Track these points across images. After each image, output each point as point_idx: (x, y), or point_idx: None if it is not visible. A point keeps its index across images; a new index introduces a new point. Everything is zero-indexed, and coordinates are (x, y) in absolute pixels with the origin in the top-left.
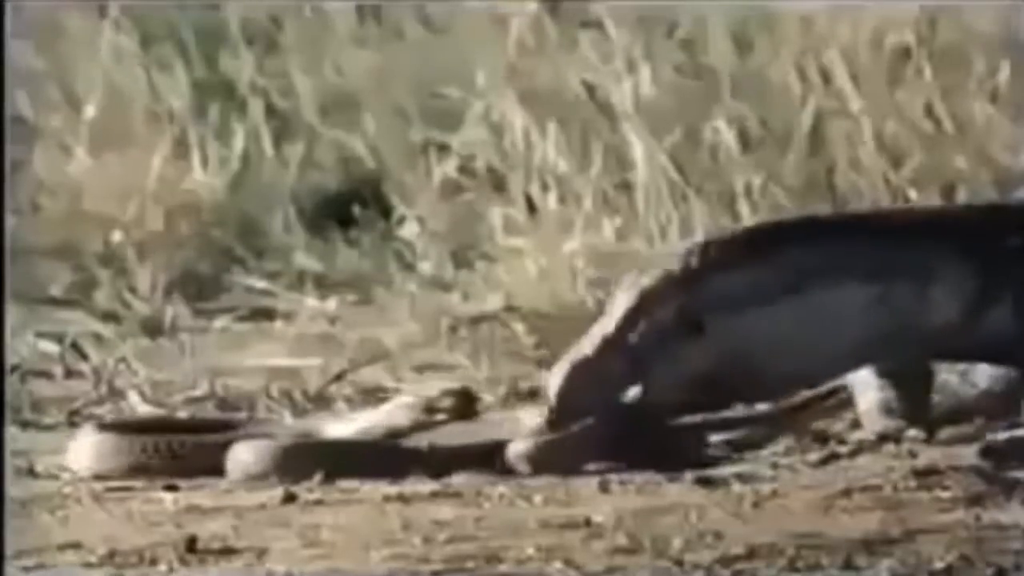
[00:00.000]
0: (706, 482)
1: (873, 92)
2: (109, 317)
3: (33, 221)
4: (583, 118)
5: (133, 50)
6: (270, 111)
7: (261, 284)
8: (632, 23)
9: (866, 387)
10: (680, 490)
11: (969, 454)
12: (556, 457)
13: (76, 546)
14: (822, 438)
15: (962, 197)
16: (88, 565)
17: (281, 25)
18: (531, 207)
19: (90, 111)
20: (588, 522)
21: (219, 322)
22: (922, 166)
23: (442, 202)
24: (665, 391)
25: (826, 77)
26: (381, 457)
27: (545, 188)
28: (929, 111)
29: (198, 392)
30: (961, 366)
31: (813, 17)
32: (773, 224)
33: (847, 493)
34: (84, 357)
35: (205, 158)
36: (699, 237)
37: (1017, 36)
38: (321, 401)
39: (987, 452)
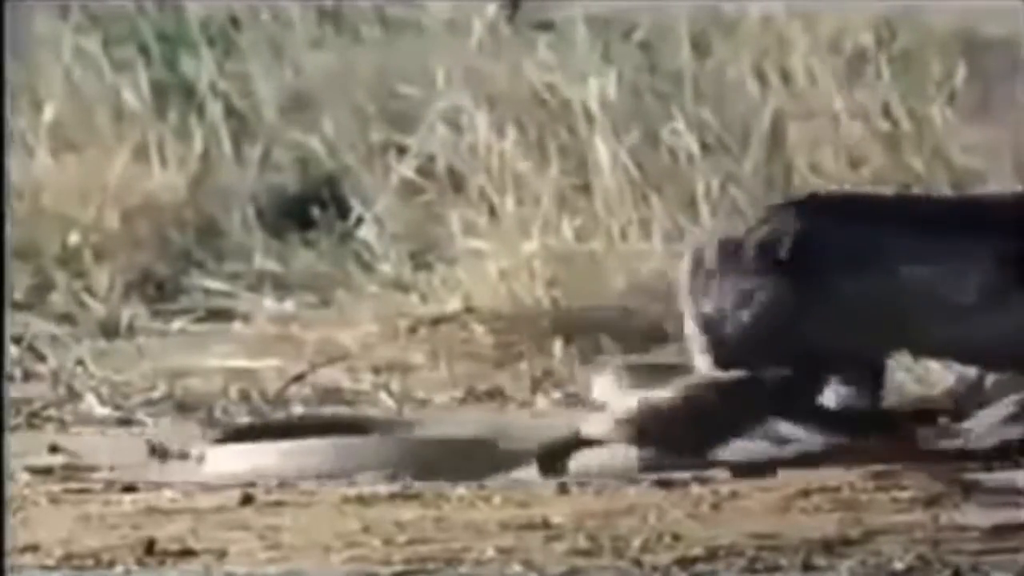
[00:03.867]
0: (665, 483)
1: (832, 94)
2: (65, 319)
3: None
4: (541, 119)
5: (94, 51)
6: (229, 112)
7: (219, 286)
8: (591, 25)
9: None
10: (639, 492)
11: (929, 455)
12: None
13: (34, 548)
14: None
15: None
16: (45, 568)
17: (240, 27)
18: (490, 208)
19: (50, 112)
20: (547, 524)
21: (177, 323)
22: (880, 168)
23: (401, 203)
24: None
25: (785, 79)
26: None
27: (504, 189)
28: (887, 112)
29: (156, 394)
30: (919, 369)
31: (772, 19)
32: (871, 195)
33: (806, 494)
34: (42, 359)
35: (164, 159)
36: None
37: (974, 38)
38: (280, 402)
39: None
